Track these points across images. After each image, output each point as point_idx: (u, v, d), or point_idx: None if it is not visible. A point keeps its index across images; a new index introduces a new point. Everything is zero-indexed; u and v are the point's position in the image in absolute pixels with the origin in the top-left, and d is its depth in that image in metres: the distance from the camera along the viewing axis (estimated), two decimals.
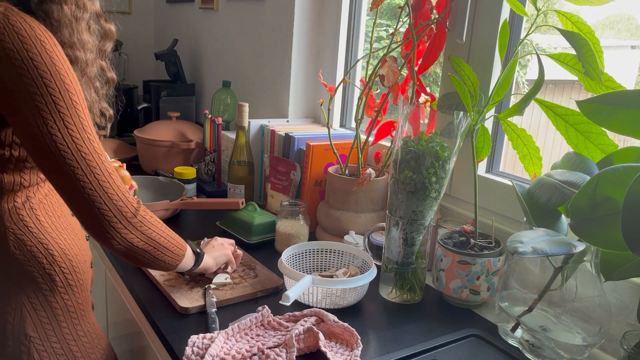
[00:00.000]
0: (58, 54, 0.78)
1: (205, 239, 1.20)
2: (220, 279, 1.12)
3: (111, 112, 1.02)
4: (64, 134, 0.77)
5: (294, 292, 0.97)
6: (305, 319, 0.97)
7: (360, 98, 1.37)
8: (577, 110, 0.88)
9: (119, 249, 0.85)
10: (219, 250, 1.13)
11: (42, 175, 0.88)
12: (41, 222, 0.88)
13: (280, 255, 1.14)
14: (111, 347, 1.03)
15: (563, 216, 0.94)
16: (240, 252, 1.20)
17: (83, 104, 0.81)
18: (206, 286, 1.10)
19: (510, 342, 0.98)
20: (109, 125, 1.04)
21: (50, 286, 0.88)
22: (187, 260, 1.00)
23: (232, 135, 1.69)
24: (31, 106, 0.75)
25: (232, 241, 1.20)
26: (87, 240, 1.00)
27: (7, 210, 0.85)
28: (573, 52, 0.95)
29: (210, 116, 1.81)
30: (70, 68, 0.80)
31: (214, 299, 1.05)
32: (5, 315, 0.85)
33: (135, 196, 1.35)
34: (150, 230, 0.88)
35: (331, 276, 1.14)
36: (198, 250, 1.04)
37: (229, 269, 1.16)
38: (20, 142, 0.82)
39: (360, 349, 0.89)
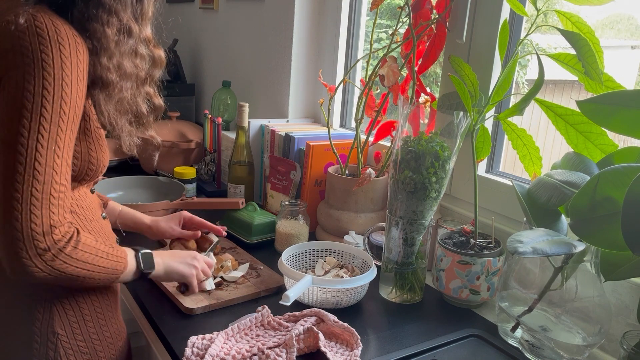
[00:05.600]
0: (73, 62, 0.75)
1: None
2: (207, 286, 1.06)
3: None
4: (32, 137, 0.72)
5: (294, 292, 0.97)
6: (305, 319, 0.97)
7: (360, 98, 1.37)
8: (577, 110, 0.88)
9: (12, 277, 0.74)
10: (183, 261, 1.00)
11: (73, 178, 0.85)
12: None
13: (280, 255, 1.14)
14: (129, 345, 1.03)
15: (563, 216, 0.94)
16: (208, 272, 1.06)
17: (72, 119, 0.76)
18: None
19: (510, 342, 0.98)
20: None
21: (80, 288, 0.88)
22: (126, 277, 0.89)
23: (232, 135, 1.69)
24: (19, 99, 0.72)
25: (210, 261, 1.06)
26: (118, 243, 0.99)
27: None
28: (573, 52, 0.95)
29: (210, 116, 1.81)
30: (81, 80, 0.77)
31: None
32: (35, 313, 0.85)
33: (208, 252, 1.16)
34: (68, 266, 0.76)
35: (339, 274, 1.14)
36: (142, 268, 0.91)
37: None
38: None
39: (360, 349, 0.89)
